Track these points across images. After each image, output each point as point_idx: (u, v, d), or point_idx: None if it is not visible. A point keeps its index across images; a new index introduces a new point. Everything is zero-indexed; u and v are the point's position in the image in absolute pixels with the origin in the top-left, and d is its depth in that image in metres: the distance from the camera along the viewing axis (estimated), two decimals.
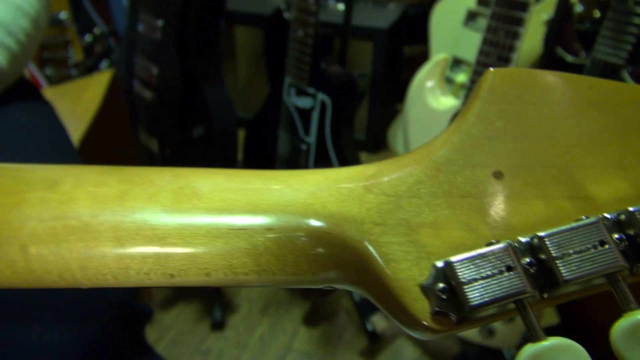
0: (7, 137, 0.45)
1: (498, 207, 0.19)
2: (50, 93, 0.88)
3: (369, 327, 1.09)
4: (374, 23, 1.60)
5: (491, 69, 0.21)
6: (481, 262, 0.17)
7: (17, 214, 0.19)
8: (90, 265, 0.20)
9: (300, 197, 0.20)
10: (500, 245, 0.17)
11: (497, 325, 0.85)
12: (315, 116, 1.02)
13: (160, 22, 1.03)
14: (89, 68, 1.67)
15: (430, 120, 0.89)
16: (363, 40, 1.62)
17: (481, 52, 0.79)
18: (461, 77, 1.39)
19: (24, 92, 0.53)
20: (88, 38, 1.65)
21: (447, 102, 0.88)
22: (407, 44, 1.84)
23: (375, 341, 1.09)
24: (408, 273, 0.18)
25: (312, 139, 1.05)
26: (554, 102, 0.20)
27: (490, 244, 0.17)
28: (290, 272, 0.20)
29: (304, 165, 1.08)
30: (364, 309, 1.12)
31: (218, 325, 1.14)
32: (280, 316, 1.17)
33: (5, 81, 0.47)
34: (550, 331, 0.78)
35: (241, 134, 1.18)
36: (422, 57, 1.92)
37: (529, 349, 0.16)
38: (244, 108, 1.78)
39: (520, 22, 0.73)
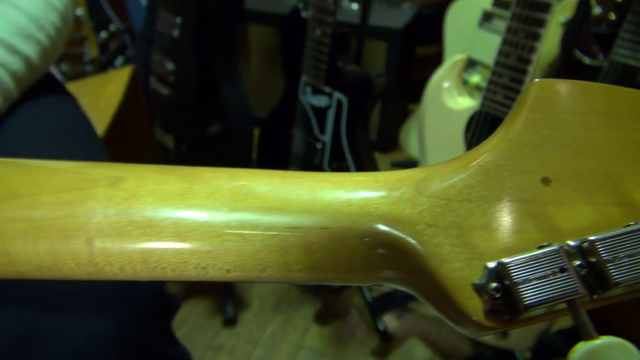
0: (40, 129, 0.46)
1: (547, 212, 0.19)
2: (70, 88, 0.90)
3: (381, 327, 1.10)
4: (388, 23, 1.60)
5: (537, 79, 0.21)
6: (535, 263, 0.17)
7: (84, 208, 0.20)
8: (151, 259, 0.20)
9: (353, 198, 0.21)
10: (554, 247, 0.18)
11: None
12: (331, 115, 1.03)
13: (178, 19, 1.04)
14: (104, 64, 1.68)
15: (447, 121, 0.90)
16: (377, 40, 1.62)
17: (500, 53, 0.79)
18: (475, 78, 1.40)
19: (51, 85, 0.54)
20: (103, 35, 1.67)
21: (464, 102, 0.89)
22: (420, 44, 1.85)
23: (387, 340, 1.09)
24: (461, 273, 0.19)
25: (327, 137, 1.05)
26: (598, 112, 0.21)
27: (542, 246, 0.18)
28: (342, 270, 0.21)
29: (319, 164, 1.09)
30: (376, 308, 1.12)
31: (230, 322, 1.15)
32: (292, 313, 1.18)
33: (35, 75, 0.48)
34: (566, 333, 0.79)
35: (254, 133, 1.19)
36: (435, 57, 1.93)
37: (583, 347, 0.16)
38: (257, 107, 1.79)
39: (541, 23, 0.73)
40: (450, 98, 0.90)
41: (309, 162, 1.11)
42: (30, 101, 0.48)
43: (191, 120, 1.10)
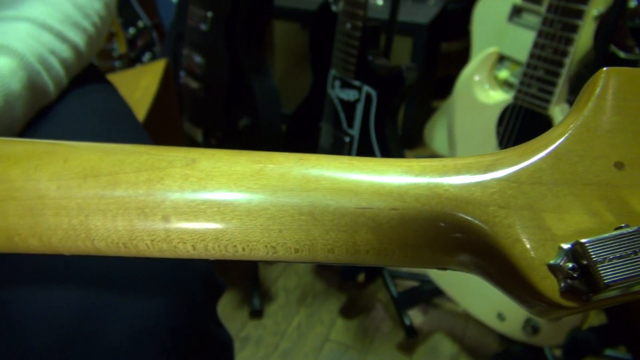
0: (89, 115, 0.47)
1: (622, 195, 0.19)
2: None
3: (407, 321, 1.10)
4: (414, 18, 1.59)
5: (605, 68, 0.21)
6: (614, 243, 0.18)
7: (161, 187, 0.21)
8: (223, 237, 0.21)
9: (421, 180, 0.21)
10: (634, 228, 0.18)
11: (542, 323, 0.85)
12: (359, 109, 1.03)
13: (209, 14, 1.06)
14: (132, 60, 1.71)
15: (478, 114, 0.89)
16: (402, 36, 1.61)
17: (535, 45, 0.78)
18: (504, 74, 1.38)
19: (95, 74, 0.55)
20: (132, 31, 1.70)
21: (497, 96, 0.88)
22: (444, 40, 1.83)
23: (413, 335, 1.09)
24: (534, 253, 0.19)
25: (355, 131, 1.06)
26: None
27: (620, 227, 0.18)
28: (410, 252, 0.21)
29: None
30: (402, 303, 1.12)
31: (256, 313, 1.16)
32: (317, 306, 1.19)
33: (82, 63, 0.49)
34: (598, 330, 0.78)
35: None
36: (459, 54, 1.91)
37: None
38: (282, 103, 1.80)
39: (579, 14, 0.72)
40: (482, 92, 0.90)
41: None
42: (77, 89, 0.49)
43: (220, 114, 1.11)
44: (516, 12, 1.35)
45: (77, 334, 0.32)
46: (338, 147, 1.10)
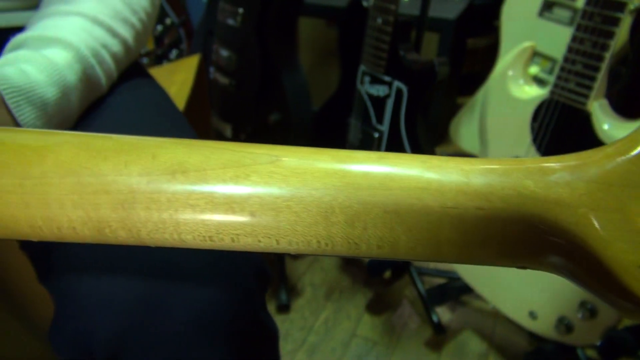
0: (140, 107, 0.48)
1: None
2: None
3: (435, 318, 1.09)
4: (441, 13, 1.57)
5: None
6: None
7: (249, 183, 0.21)
8: (308, 233, 0.21)
9: (506, 180, 0.21)
10: None
11: (576, 322, 0.84)
12: (389, 104, 1.03)
13: (240, 10, 1.06)
14: (159, 57, 1.73)
15: (512, 110, 0.88)
16: (429, 31, 1.60)
17: (574, 39, 0.77)
18: (534, 69, 1.36)
19: (139, 68, 0.56)
20: (159, 28, 1.71)
21: (532, 91, 0.86)
22: (471, 36, 1.81)
23: (441, 332, 1.09)
24: (627, 255, 0.19)
25: (385, 127, 1.05)
26: None
27: None
28: (493, 251, 0.21)
29: None
30: (429, 300, 1.12)
31: (284, 308, 1.17)
32: (344, 302, 1.19)
33: (130, 57, 0.50)
34: (634, 330, 0.77)
35: None
36: (485, 50, 1.89)
37: None
38: None
39: (620, 6, 0.71)
40: (516, 87, 0.88)
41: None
42: (126, 82, 0.50)
43: (251, 109, 1.12)
44: (547, 7, 1.32)
45: (142, 319, 0.33)
46: (367, 143, 1.10)
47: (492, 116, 0.93)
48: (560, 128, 0.81)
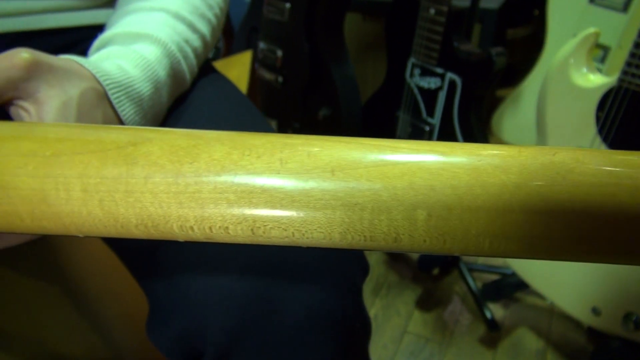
0: (224, 100, 0.48)
1: None
2: None
3: (488, 315, 1.07)
4: (484, 3, 1.53)
5: None
6: None
7: (411, 181, 0.20)
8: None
9: (633, 173, 0.20)
10: None
11: None
12: (441, 96, 1.00)
13: (287, 5, 1.05)
14: None
15: (575, 99, 0.85)
16: None
17: None
18: None
19: (209, 64, 0.56)
20: None
21: (597, 79, 0.83)
22: (511, 26, 1.77)
23: (495, 329, 1.07)
24: None
25: (436, 120, 1.03)
26: None
27: None
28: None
29: None
30: (481, 296, 1.10)
31: None
32: (392, 298, 1.18)
33: (207, 52, 0.50)
34: None
35: None
36: (523, 40, 1.83)
37: None
38: None
39: None
40: (579, 75, 0.85)
41: None
42: (204, 77, 0.50)
43: (299, 105, 1.11)
44: None
45: (255, 315, 0.32)
46: (417, 137, 1.08)
47: (551, 106, 0.90)
48: (629, 117, 0.78)
